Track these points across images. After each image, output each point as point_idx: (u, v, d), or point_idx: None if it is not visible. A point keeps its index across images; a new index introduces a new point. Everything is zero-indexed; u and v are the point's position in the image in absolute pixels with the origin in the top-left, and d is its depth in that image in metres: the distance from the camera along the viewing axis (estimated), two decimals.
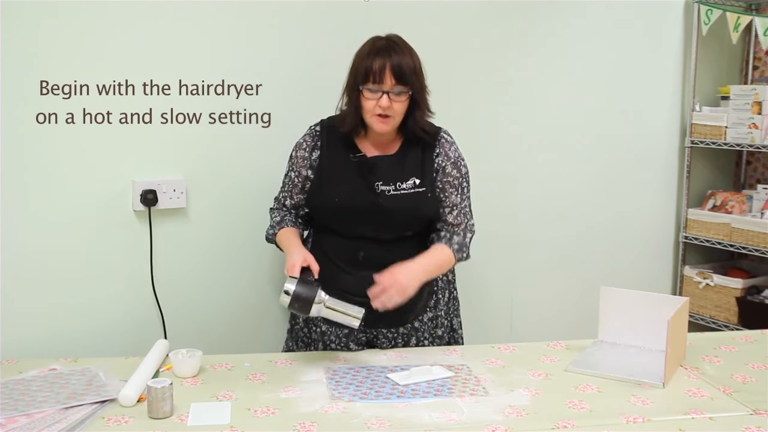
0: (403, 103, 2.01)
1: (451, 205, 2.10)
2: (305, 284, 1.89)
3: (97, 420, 1.63)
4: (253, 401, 1.74)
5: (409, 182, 2.06)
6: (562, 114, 2.99)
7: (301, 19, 2.49)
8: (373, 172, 2.06)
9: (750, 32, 3.32)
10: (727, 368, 1.97)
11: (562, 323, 3.01)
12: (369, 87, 1.98)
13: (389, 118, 2.00)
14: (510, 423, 1.63)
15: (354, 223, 2.05)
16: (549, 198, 3.00)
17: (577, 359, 2.00)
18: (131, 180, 2.31)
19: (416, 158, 2.09)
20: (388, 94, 1.97)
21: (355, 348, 2.14)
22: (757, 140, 3.04)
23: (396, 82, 1.98)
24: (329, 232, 2.11)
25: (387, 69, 1.97)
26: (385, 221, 2.04)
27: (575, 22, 2.96)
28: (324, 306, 1.90)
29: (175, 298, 2.39)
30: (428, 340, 2.19)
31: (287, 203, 2.19)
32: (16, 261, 2.19)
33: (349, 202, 2.04)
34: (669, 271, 3.35)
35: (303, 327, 2.21)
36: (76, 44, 2.19)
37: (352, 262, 2.06)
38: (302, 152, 2.13)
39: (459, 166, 2.12)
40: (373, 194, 2.05)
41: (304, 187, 2.14)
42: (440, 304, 2.21)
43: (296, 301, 1.87)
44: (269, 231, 2.19)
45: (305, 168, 2.12)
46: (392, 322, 2.11)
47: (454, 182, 2.10)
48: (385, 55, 1.99)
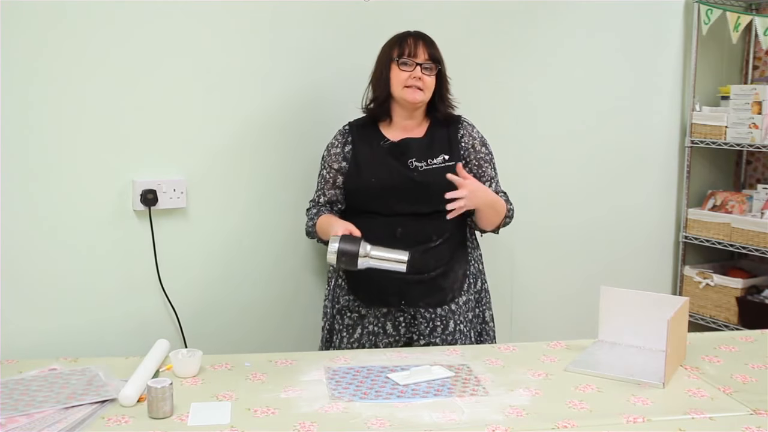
0: (433, 78, 2.18)
1: (489, 178, 2.28)
2: (348, 240, 1.98)
3: (97, 420, 1.63)
4: (253, 401, 1.74)
5: (439, 158, 2.19)
6: (562, 114, 2.99)
7: (302, 19, 2.49)
8: (405, 152, 2.19)
9: (750, 32, 3.33)
10: (727, 368, 1.97)
11: (562, 323, 3.01)
12: (404, 60, 2.16)
13: (420, 90, 2.16)
14: (510, 423, 1.63)
15: (392, 201, 2.16)
16: (549, 197, 3.00)
17: (577, 359, 2.00)
18: (131, 180, 2.30)
19: (443, 138, 2.24)
20: (421, 67, 2.15)
21: (391, 330, 2.21)
22: (757, 140, 3.04)
23: (428, 57, 2.17)
24: (367, 216, 2.17)
25: (421, 45, 2.18)
26: (420, 195, 2.15)
27: (575, 23, 2.97)
28: (370, 257, 1.98)
29: (174, 298, 2.39)
30: (463, 324, 2.24)
31: (321, 200, 2.29)
32: (16, 261, 2.18)
33: (386, 181, 2.17)
34: (669, 271, 3.35)
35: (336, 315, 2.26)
36: (78, 46, 2.19)
37: (390, 240, 2.09)
38: (334, 149, 2.26)
39: (486, 144, 2.30)
40: (408, 170, 2.17)
41: (336, 181, 2.25)
42: (472, 288, 2.29)
43: (343, 255, 1.97)
44: (308, 224, 2.28)
45: (337, 161, 2.24)
46: (432, 302, 2.19)
47: (486, 158, 2.28)
48: (417, 36, 2.21)
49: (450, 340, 2.21)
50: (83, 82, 2.21)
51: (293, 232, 2.52)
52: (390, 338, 2.21)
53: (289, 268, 2.58)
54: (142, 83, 2.29)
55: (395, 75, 2.17)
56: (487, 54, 2.82)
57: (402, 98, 2.17)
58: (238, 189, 2.46)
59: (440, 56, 2.21)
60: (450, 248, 2.22)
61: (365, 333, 2.22)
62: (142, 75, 2.28)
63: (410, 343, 2.21)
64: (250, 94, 2.44)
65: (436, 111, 2.24)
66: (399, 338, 2.21)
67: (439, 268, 2.19)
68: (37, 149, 2.19)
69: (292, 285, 2.58)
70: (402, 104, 2.20)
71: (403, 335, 2.21)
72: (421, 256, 2.13)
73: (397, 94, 2.18)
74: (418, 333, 2.21)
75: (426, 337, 2.20)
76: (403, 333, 2.21)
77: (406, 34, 2.21)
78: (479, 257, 2.36)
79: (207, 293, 2.46)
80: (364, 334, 2.22)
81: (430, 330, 2.20)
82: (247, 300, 2.52)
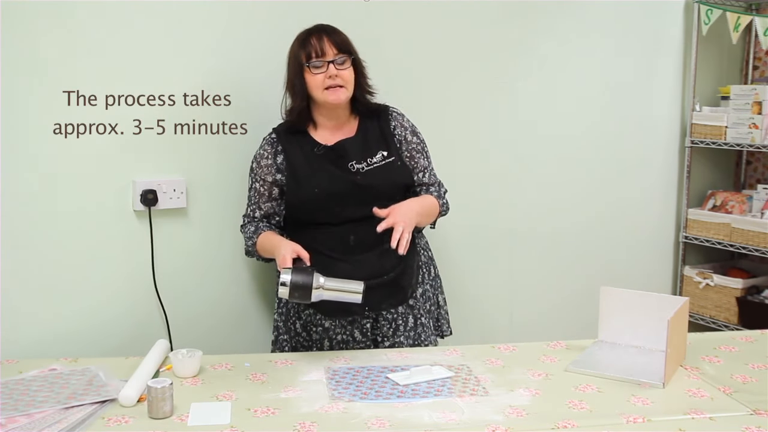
0: (349, 70, 2.09)
1: (422, 168, 2.21)
2: (301, 272, 1.89)
3: (97, 420, 1.63)
4: (253, 401, 1.74)
5: (378, 156, 2.13)
6: (562, 114, 2.99)
7: (302, 19, 2.48)
8: (342, 155, 2.12)
9: (750, 32, 3.32)
10: (727, 368, 1.97)
11: (562, 323, 3.01)
12: (314, 63, 2.06)
13: (341, 88, 2.08)
14: (510, 423, 1.63)
15: (339, 208, 2.08)
16: (549, 198, 3.00)
17: (577, 359, 2.00)
18: (131, 180, 2.30)
19: (376, 133, 2.17)
20: (333, 63, 2.06)
21: (359, 337, 2.16)
22: (757, 140, 3.04)
23: (338, 51, 2.08)
24: (314, 227, 2.11)
25: (325, 41, 2.07)
26: (367, 197, 2.07)
27: (575, 22, 2.96)
28: (323, 289, 1.91)
29: (174, 298, 2.39)
30: (424, 317, 2.22)
31: (257, 215, 2.20)
32: (16, 261, 2.18)
33: (329, 189, 2.09)
34: (669, 271, 3.35)
35: (301, 331, 2.21)
36: (78, 46, 2.19)
37: (344, 249, 2.07)
38: (265, 161, 2.17)
39: (417, 133, 2.23)
40: (349, 174, 2.10)
41: (272, 193, 2.17)
42: (426, 278, 2.27)
43: (295, 290, 1.88)
44: (248, 243, 2.19)
45: (271, 174, 2.15)
46: (395, 301, 2.15)
47: (417, 147, 2.21)
48: (320, 31, 2.10)
49: (414, 336, 2.19)
50: (83, 82, 2.21)
51: None
52: (360, 344, 2.17)
53: None
54: (143, 83, 2.28)
55: (310, 80, 2.07)
56: (486, 54, 2.82)
57: (325, 101, 2.08)
58: (238, 189, 2.46)
59: (349, 44, 2.11)
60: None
61: (335, 344, 2.16)
62: (142, 75, 2.28)
63: (377, 345, 2.18)
64: (251, 94, 2.44)
65: (358, 103, 2.15)
66: (367, 342, 2.18)
67: (397, 268, 2.13)
68: (37, 149, 2.19)
69: None
70: (325, 106, 2.11)
71: (370, 338, 2.18)
72: (377, 260, 2.08)
73: (319, 98, 2.08)
74: (381, 335, 2.18)
75: (390, 338, 2.17)
76: (369, 336, 2.18)
77: (306, 34, 2.10)
78: (426, 245, 2.33)
79: (207, 293, 2.46)
80: (333, 344, 2.17)
81: (393, 330, 2.18)
82: (247, 300, 2.52)
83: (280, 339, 2.26)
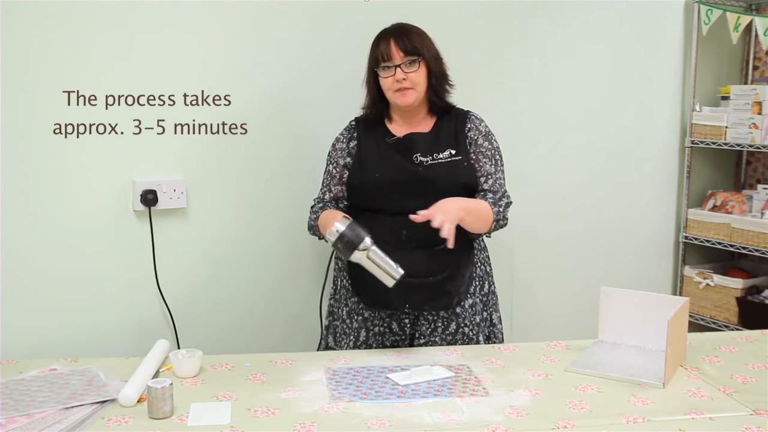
0: (418, 72, 2.11)
1: (486, 174, 2.18)
2: (356, 228, 1.92)
3: (98, 420, 1.63)
4: (253, 401, 1.74)
5: (445, 153, 2.14)
6: (562, 114, 2.99)
7: (302, 19, 2.49)
8: (410, 147, 2.15)
9: (750, 32, 3.32)
10: (727, 368, 1.97)
11: (562, 323, 3.01)
12: (383, 66, 2.11)
13: (409, 90, 2.11)
14: (510, 423, 1.63)
15: (396, 197, 2.10)
16: (549, 198, 3.00)
17: (577, 359, 2.00)
18: (131, 180, 2.31)
19: (450, 132, 2.18)
20: (400, 67, 2.09)
21: (396, 329, 2.18)
22: (757, 140, 3.04)
23: (405, 55, 2.10)
24: (371, 215, 2.13)
25: (392, 45, 2.10)
26: (425, 191, 2.07)
27: (575, 22, 2.96)
28: (367, 254, 1.93)
29: (175, 299, 2.39)
30: (468, 327, 2.22)
31: (326, 197, 2.25)
32: (16, 261, 2.19)
33: (390, 176, 2.12)
34: (669, 271, 3.35)
35: (346, 318, 2.24)
36: (79, 46, 2.20)
37: (396, 242, 2.06)
38: (340, 144, 2.23)
39: (490, 139, 2.22)
40: (412, 165, 2.12)
41: (342, 177, 2.21)
42: (478, 291, 2.26)
43: (341, 240, 1.91)
44: (311, 218, 2.23)
45: (343, 158, 2.21)
46: (438, 305, 2.15)
47: (486, 153, 2.19)
48: (389, 35, 2.13)
49: (450, 341, 2.20)
50: (83, 82, 2.22)
51: (293, 232, 2.52)
52: (396, 336, 2.20)
53: (290, 268, 2.58)
54: (143, 83, 2.29)
55: (382, 82, 2.13)
56: (486, 55, 2.82)
57: (395, 103, 2.15)
58: (238, 189, 2.46)
59: (420, 46, 2.12)
60: (456, 251, 2.08)
61: (371, 335, 2.19)
62: (142, 75, 2.28)
63: (412, 341, 2.21)
64: (251, 94, 2.44)
65: (434, 104, 2.19)
66: (404, 336, 2.20)
67: (445, 272, 2.13)
68: (37, 149, 2.19)
69: (293, 285, 2.58)
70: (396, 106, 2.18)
71: (408, 333, 2.21)
72: (426, 260, 2.09)
73: (390, 99, 2.15)
74: (419, 333, 2.20)
75: (426, 336, 2.19)
76: (408, 331, 2.20)
77: (379, 37, 2.15)
78: (486, 259, 2.33)
79: (207, 293, 2.46)
80: (370, 336, 2.20)
81: (431, 330, 2.19)
82: (247, 300, 2.52)
83: (333, 324, 2.30)
